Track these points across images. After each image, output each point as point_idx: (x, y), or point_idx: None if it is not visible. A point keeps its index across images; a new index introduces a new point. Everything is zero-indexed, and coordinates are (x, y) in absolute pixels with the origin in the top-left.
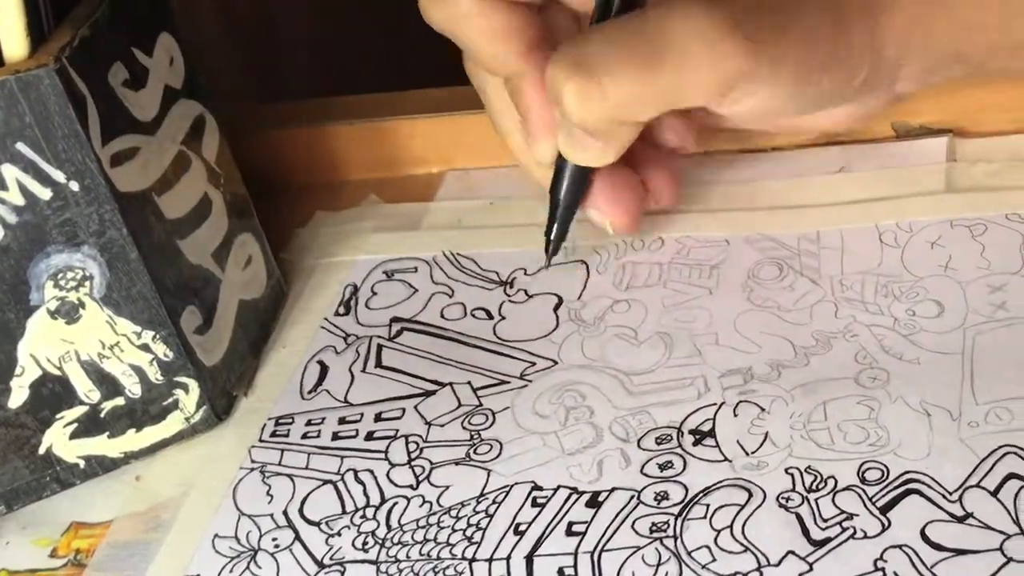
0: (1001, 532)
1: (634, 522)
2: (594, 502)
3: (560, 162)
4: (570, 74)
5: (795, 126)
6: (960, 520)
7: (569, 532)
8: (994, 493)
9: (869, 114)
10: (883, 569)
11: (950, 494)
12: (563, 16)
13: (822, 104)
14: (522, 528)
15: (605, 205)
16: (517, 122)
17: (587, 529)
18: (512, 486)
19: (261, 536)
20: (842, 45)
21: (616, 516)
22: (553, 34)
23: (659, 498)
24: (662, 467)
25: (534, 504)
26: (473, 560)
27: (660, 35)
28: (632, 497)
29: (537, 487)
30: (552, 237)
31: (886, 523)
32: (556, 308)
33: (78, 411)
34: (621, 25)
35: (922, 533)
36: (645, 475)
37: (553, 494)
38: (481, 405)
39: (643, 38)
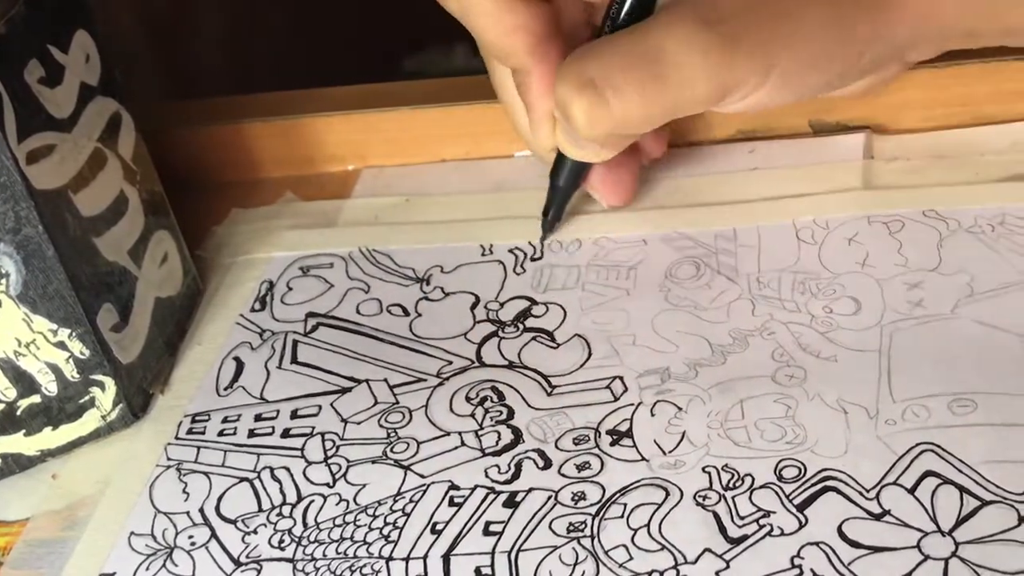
0: (918, 529)
1: (551, 522)
2: (511, 502)
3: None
4: (577, 93)
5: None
6: (877, 517)
7: (486, 532)
8: (911, 490)
9: (883, 83)
10: (800, 566)
11: (867, 491)
12: (574, 4)
13: (825, 90)
14: (439, 527)
15: (602, 187)
16: (523, 108)
17: (504, 529)
18: (429, 485)
19: (177, 534)
20: (846, 39)
21: (533, 516)
22: (563, 23)
23: (576, 498)
24: (580, 468)
25: (451, 503)
26: (390, 559)
27: (658, 51)
28: (549, 497)
29: (454, 486)
30: (549, 217)
31: (803, 520)
32: (473, 307)
33: None
34: (623, 41)
35: (839, 530)
36: (563, 476)
37: (470, 494)
38: (398, 403)
39: (644, 55)
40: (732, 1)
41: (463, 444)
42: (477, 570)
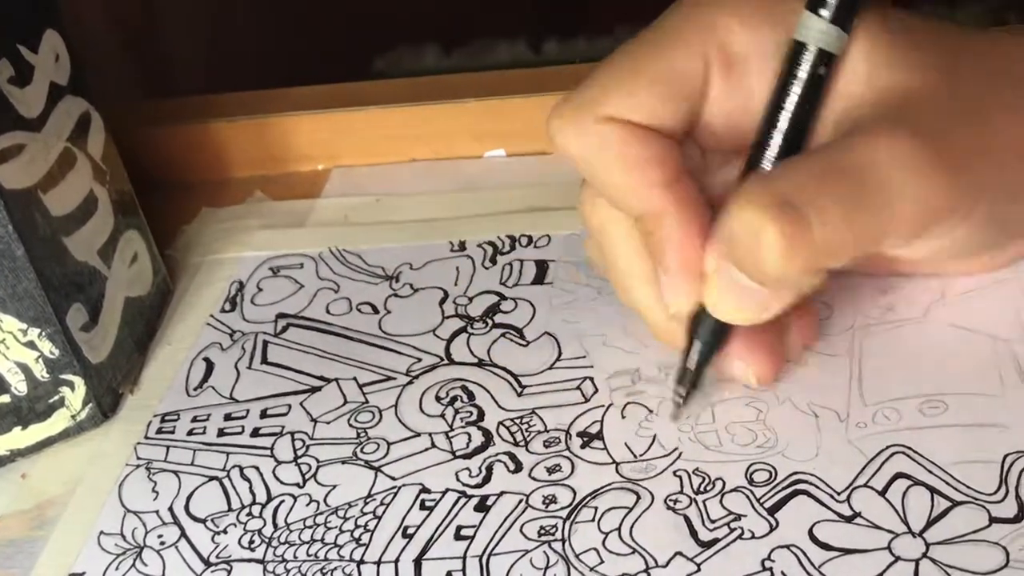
0: (889, 531)
1: (523, 526)
2: (483, 506)
3: (699, 314)
4: (773, 216)
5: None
6: (848, 520)
7: (458, 536)
8: (882, 492)
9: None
10: (771, 569)
11: (838, 494)
12: (695, 152)
13: (1002, 241)
14: (410, 531)
15: (750, 355)
16: (646, 270)
17: (476, 533)
18: (400, 488)
19: (147, 533)
20: None
21: (505, 520)
22: (686, 164)
23: (547, 501)
24: (550, 470)
25: (422, 507)
26: (361, 562)
27: (866, 168)
28: (520, 501)
29: (425, 489)
30: (685, 384)
31: (774, 523)
32: (441, 302)
33: None
34: (815, 159)
35: (810, 533)
36: (533, 479)
37: (441, 497)
38: (367, 402)
39: (848, 172)
40: (933, 116)
41: (433, 446)
42: (448, 574)
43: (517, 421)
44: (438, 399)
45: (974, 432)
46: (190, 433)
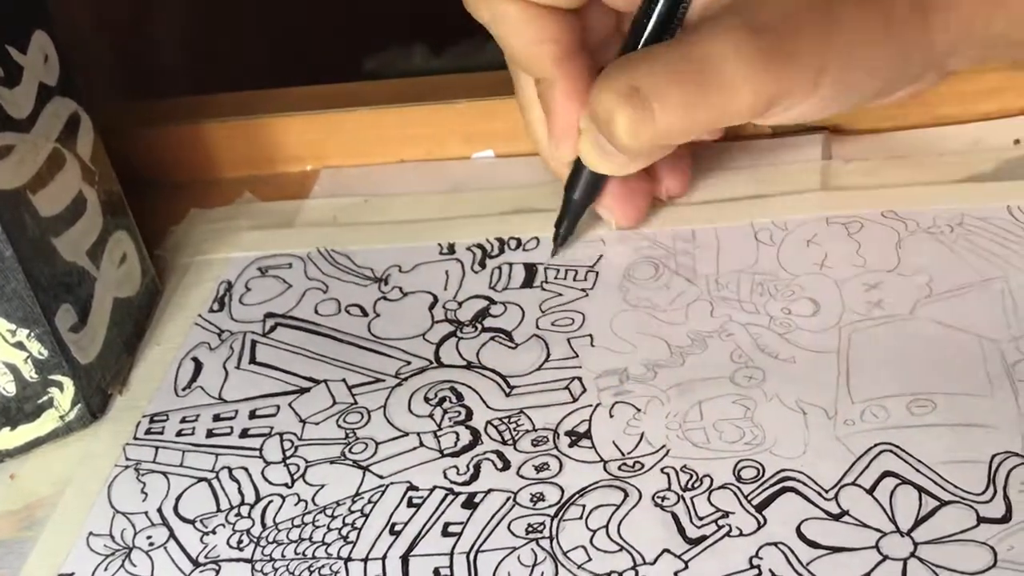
0: (877, 530)
1: (510, 523)
2: (470, 503)
3: (578, 163)
4: (622, 102)
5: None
6: (836, 518)
7: (445, 533)
8: (870, 491)
9: (918, 93)
10: (759, 566)
11: (826, 492)
12: (603, 14)
13: (872, 100)
14: (398, 528)
15: (616, 205)
16: (542, 118)
17: (463, 530)
18: (388, 486)
19: (136, 534)
20: (892, 47)
21: (492, 517)
22: (590, 35)
23: (535, 499)
24: (538, 469)
25: (410, 504)
26: (349, 560)
27: (703, 60)
28: (508, 499)
29: (413, 487)
30: (562, 231)
31: (762, 521)
32: (431, 307)
33: None
34: (668, 50)
35: (798, 530)
36: (521, 477)
37: (429, 494)
38: (356, 403)
39: (689, 65)
40: (779, 7)
41: (422, 445)
42: (436, 571)
43: (505, 420)
44: (427, 400)
45: (962, 432)
46: (179, 434)
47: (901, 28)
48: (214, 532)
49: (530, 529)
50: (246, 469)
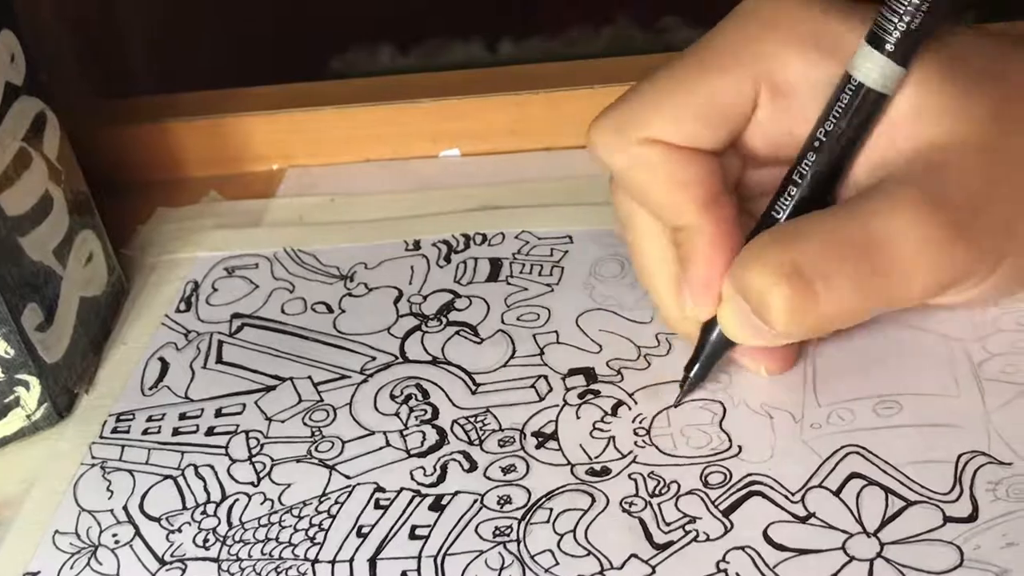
0: (843, 531)
1: (477, 526)
2: (437, 505)
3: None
4: (781, 281)
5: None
6: (802, 520)
7: (412, 535)
8: (836, 492)
9: None
10: (725, 571)
11: (792, 495)
12: (735, 158)
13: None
14: (365, 530)
15: (760, 355)
16: (671, 273)
17: (431, 533)
18: (355, 487)
19: (101, 532)
20: None
21: (459, 520)
22: (725, 179)
23: (502, 502)
24: (505, 471)
25: (377, 506)
26: (316, 561)
27: (879, 237)
28: (475, 501)
29: (380, 488)
30: (692, 375)
31: (729, 525)
32: (396, 301)
33: None
34: (833, 223)
35: (764, 534)
36: (488, 479)
37: (396, 496)
38: (322, 400)
39: (863, 243)
40: (964, 181)
41: (388, 444)
42: (404, 574)
43: (471, 419)
44: (392, 397)
45: (928, 432)
46: (145, 432)
47: None
48: (180, 531)
49: (497, 532)
50: (212, 467)
